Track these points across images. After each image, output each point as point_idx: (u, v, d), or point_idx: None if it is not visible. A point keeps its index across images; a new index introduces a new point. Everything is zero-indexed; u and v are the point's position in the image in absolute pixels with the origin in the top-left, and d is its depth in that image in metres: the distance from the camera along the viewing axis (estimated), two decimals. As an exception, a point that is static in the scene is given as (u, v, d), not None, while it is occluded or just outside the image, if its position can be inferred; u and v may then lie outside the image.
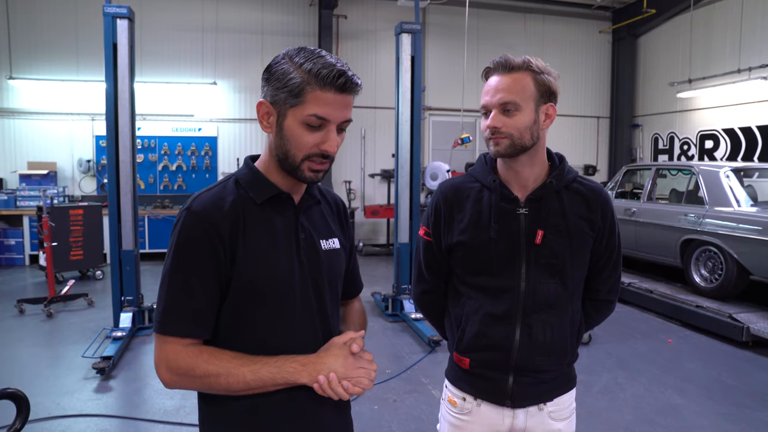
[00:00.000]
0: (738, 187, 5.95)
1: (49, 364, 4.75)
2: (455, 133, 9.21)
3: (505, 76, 1.49)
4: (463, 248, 1.58)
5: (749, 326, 5.18)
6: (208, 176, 10.11)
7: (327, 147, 1.19)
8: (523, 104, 1.47)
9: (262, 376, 1.16)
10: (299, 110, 1.16)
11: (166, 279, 1.19)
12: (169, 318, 1.17)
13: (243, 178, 1.27)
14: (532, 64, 1.49)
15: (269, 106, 1.20)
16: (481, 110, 1.55)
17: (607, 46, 12.33)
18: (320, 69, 1.14)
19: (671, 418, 3.83)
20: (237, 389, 1.17)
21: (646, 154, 11.93)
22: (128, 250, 5.36)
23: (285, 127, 1.19)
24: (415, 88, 5.88)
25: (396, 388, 4.27)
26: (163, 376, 1.18)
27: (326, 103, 1.15)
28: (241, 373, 1.15)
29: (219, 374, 1.15)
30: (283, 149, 1.21)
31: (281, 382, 1.18)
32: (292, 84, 1.15)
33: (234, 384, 1.16)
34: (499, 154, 1.51)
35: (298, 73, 1.15)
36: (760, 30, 9.19)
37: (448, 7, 10.46)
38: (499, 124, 1.48)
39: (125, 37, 5.16)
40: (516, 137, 1.48)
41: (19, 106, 9.39)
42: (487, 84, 1.52)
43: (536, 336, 1.54)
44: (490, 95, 1.50)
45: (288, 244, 1.26)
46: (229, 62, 10.18)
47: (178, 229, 1.19)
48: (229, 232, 1.18)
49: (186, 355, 1.16)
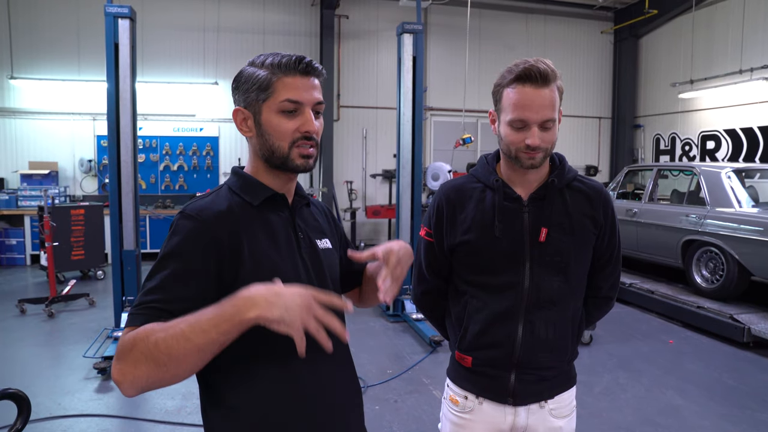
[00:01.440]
0: (739, 188, 5.94)
1: (50, 364, 4.75)
2: (457, 133, 9.21)
3: (544, 90, 1.44)
4: (467, 248, 1.59)
5: (750, 327, 5.17)
6: (210, 176, 10.12)
7: (308, 126, 1.21)
8: (557, 117, 1.48)
9: (202, 324, 1.00)
10: (272, 101, 1.20)
11: (151, 277, 1.13)
12: (137, 311, 1.09)
13: (235, 185, 1.27)
14: (555, 70, 1.47)
15: (244, 111, 1.24)
16: (512, 123, 1.48)
17: (608, 47, 12.33)
18: (281, 59, 1.20)
19: (672, 419, 3.82)
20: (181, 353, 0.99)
21: (648, 155, 11.93)
22: (129, 250, 5.36)
23: (263, 122, 1.22)
24: (417, 88, 5.88)
25: (397, 388, 4.27)
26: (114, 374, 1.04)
27: (295, 86, 1.20)
28: (178, 330, 1.00)
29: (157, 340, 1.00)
30: (267, 145, 1.23)
31: (226, 326, 1.00)
32: (259, 80, 1.20)
33: (175, 347, 0.99)
34: (534, 167, 1.51)
35: (263, 70, 1.21)
36: (762, 31, 9.18)
37: (450, 8, 10.47)
38: (541, 142, 1.46)
39: (127, 37, 5.16)
40: (549, 150, 1.51)
41: (21, 106, 9.40)
42: (521, 95, 1.45)
43: (538, 333, 1.55)
44: (534, 111, 1.44)
45: (289, 244, 1.26)
46: (230, 62, 10.19)
47: (172, 233, 1.17)
48: (228, 237, 1.17)
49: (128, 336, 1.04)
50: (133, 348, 1.01)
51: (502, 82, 1.50)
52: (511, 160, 1.54)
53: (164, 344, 0.99)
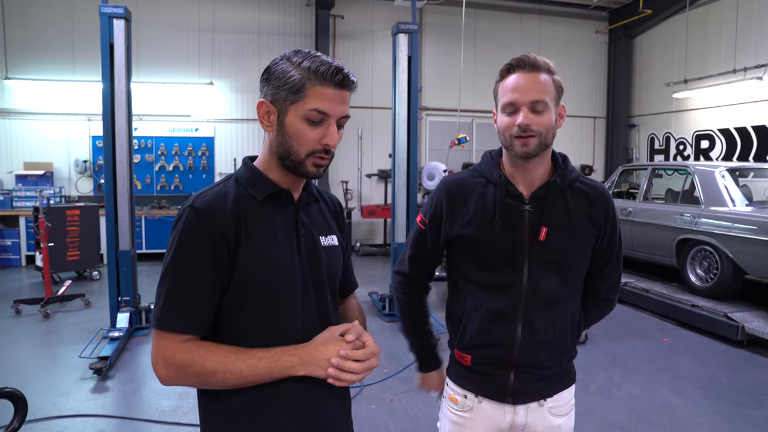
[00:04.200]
0: (733, 187, 5.98)
1: (46, 364, 4.74)
2: (452, 133, 9.22)
3: (533, 75, 1.47)
4: (466, 241, 1.59)
5: (744, 325, 5.20)
6: (205, 176, 10.10)
7: (328, 140, 1.22)
8: (550, 104, 1.49)
9: (259, 370, 1.17)
10: (300, 106, 1.19)
11: (166, 275, 1.19)
12: (167, 314, 1.17)
13: (243, 177, 1.29)
14: (550, 64, 1.50)
15: (269, 105, 1.23)
16: (504, 109, 1.51)
17: (603, 47, 12.37)
18: (319, 66, 1.18)
19: (667, 417, 3.84)
20: (234, 384, 1.18)
21: (642, 154, 11.97)
22: (125, 250, 5.35)
23: (286, 124, 1.21)
24: (412, 88, 5.88)
25: (393, 387, 4.28)
26: (160, 373, 1.18)
27: (326, 98, 1.19)
28: (237, 369, 1.16)
29: (215, 371, 1.16)
30: (285, 146, 1.23)
31: (278, 376, 1.19)
32: (292, 81, 1.19)
33: (231, 380, 1.17)
34: (528, 155, 1.50)
35: (298, 71, 1.19)
36: (756, 30, 9.24)
37: (445, 8, 10.48)
38: (531, 123, 1.47)
39: (122, 37, 5.15)
40: (543, 136, 1.49)
41: (15, 107, 9.37)
42: (511, 81, 1.49)
43: (538, 332, 1.56)
44: (521, 92, 1.47)
45: (288, 240, 1.28)
46: (225, 62, 10.18)
47: (180, 226, 1.19)
48: (233, 229, 1.20)
49: (183, 351, 1.16)
50: (188, 367, 1.16)
51: (498, 79, 1.54)
52: (508, 150, 1.54)
53: (222, 376, 1.16)
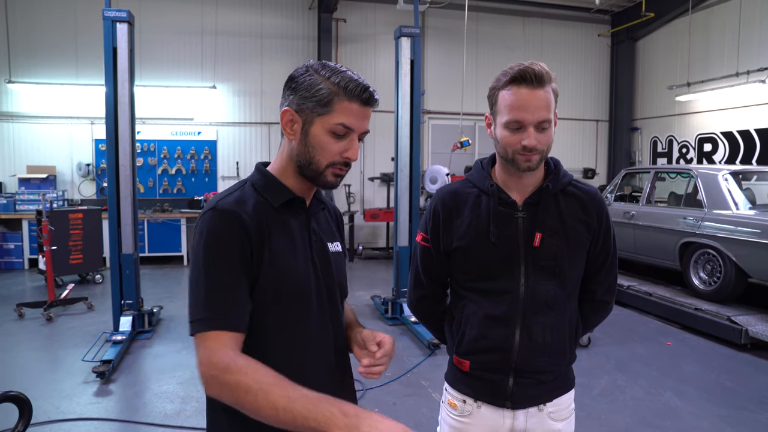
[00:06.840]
0: (736, 190, 5.97)
1: (49, 368, 4.75)
2: (454, 136, 9.23)
3: (539, 91, 1.44)
4: (462, 253, 1.60)
5: (748, 329, 5.18)
6: (208, 180, 10.13)
7: (350, 154, 1.26)
8: (552, 118, 1.49)
9: (295, 407, 1.04)
10: (327, 119, 1.23)
11: (200, 278, 1.17)
12: (208, 314, 1.16)
13: (258, 183, 1.30)
14: (551, 74, 1.48)
15: (294, 114, 1.26)
16: (508, 125, 1.48)
17: (605, 50, 12.37)
18: (347, 82, 1.22)
19: (670, 421, 3.83)
20: (264, 414, 1.06)
21: (645, 158, 11.96)
22: (128, 253, 5.36)
23: (311, 134, 1.24)
24: (415, 91, 5.89)
25: (396, 391, 4.27)
26: (204, 374, 1.12)
27: (352, 113, 1.23)
28: (273, 396, 1.06)
29: (249, 389, 1.07)
30: (306, 156, 1.26)
31: (312, 425, 1.02)
32: (321, 94, 1.22)
33: (264, 406, 1.06)
34: (531, 169, 1.51)
35: (327, 85, 1.22)
36: (759, 33, 9.23)
37: (448, 11, 10.50)
38: (537, 143, 1.46)
39: (125, 41, 5.17)
40: (546, 152, 1.51)
41: (19, 110, 9.40)
42: (517, 97, 1.45)
43: (536, 337, 1.56)
44: (529, 112, 1.44)
45: (303, 247, 1.30)
46: (228, 66, 10.21)
47: (206, 229, 1.19)
48: (256, 234, 1.21)
49: (225, 350, 1.12)
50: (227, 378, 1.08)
51: (497, 85, 1.50)
52: (507, 163, 1.54)
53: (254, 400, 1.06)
